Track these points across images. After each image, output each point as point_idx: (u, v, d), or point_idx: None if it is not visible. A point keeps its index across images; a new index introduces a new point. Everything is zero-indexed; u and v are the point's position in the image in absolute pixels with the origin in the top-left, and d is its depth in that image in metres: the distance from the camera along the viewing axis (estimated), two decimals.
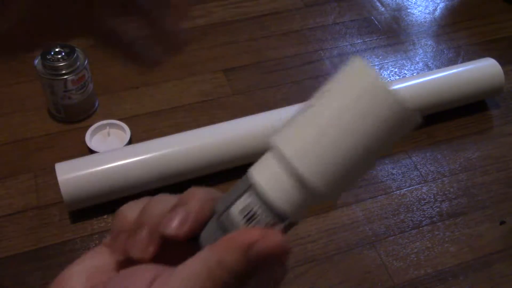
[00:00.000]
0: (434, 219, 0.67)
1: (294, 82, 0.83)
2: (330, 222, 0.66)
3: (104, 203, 0.64)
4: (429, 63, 0.88)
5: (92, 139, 0.72)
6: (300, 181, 0.24)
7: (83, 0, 0.90)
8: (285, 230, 0.25)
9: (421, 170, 0.72)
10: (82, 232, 0.64)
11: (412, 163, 0.73)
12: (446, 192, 0.70)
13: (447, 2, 1.00)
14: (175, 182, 0.66)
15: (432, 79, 0.76)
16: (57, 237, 0.62)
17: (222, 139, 0.67)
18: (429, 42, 0.92)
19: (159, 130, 0.75)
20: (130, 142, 0.72)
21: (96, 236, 0.63)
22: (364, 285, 0.61)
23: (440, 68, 0.87)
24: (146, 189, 0.65)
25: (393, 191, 0.70)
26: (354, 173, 0.24)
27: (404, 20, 0.96)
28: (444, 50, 0.90)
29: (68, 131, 0.74)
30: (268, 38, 0.90)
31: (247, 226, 0.25)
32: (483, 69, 0.78)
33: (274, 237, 0.24)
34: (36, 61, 0.70)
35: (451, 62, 0.88)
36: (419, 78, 0.76)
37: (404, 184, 0.71)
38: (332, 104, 0.24)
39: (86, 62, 0.71)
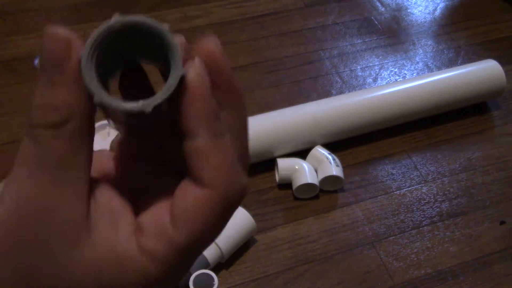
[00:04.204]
0: (434, 219, 0.67)
1: (294, 82, 0.83)
2: (330, 222, 0.66)
3: None
4: (429, 63, 0.88)
5: None
6: None
7: None
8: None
9: (421, 170, 0.72)
10: None
11: (412, 163, 0.73)
12: (446, 192, 0.70)
13: (447, 2, 1.00)
14: None
15: (434, 81, 0.76)
16: None
17: None
18: (429, 42, 0.92)
19: None
20: None
21: None
22: (364, 285, 0.61)
23: (440, 68, 0.87)
24: None
25: (393, 191, 0.70)
26: None
27: (404, 20, 0.96)
28: (444, 50, 0.90)
29: None
30: (268, 38, 0.90)
31: None
32: (485, 72, 0.78)
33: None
34: (36, 61, 0.70)
35: (451, 62, 0.88)
36: (420, 80, 0.76)
37: (404, 184, 0.71)
38: None
39: None
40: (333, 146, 0.72)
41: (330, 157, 0.68)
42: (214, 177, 0.20)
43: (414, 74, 0.86)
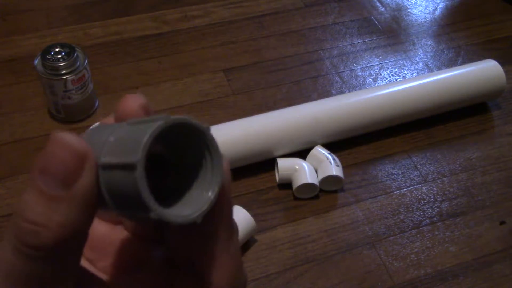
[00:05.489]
0: (434, 219, 0.67)
1: (294, 82, 0.83)
2: (330, 222, 0.66)
3: None
4: (429, 63, 0.88)
5: None
6: None
7: None
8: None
9: (421, 170, 0.72)
10: None
11: (412, 163, 0.73)
12: (446, 192, 0.70)
13: (447, 2, 1.00)
14: None
15: (434, 81, 0.76)
16: None
17: (222, 141, 0.67)
18: (429, 42, 0.92)
19: None
20: None
21: None
22: (364, 285, 0.61)
23: (440, 68, 0.87)
24: None
25: (393, 191, 0.70)
26: None
27: (404, 20, 0.96)
28: (444, 50, 0.90)
29: (68, 131, 0.74)
30: (268, 38, 0.90)
31: None
32: (485, 72, 0.78)
33: (53, 138, 0.18)
34: (36, 61, 0.70)
35: (451, 62, 0.88)
36: (420, 80, 0.76)
37: (404, 184, 0.71)
38: None
39: (86, 62, 0.71)
40: (333, 146, 0.72)
41: (330, 157, 0.68)
42: (222, 280, 0.20)
43: (414, 74, 0.86)
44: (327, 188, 0.69)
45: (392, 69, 0.86)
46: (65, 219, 0.17)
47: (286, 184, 0.69)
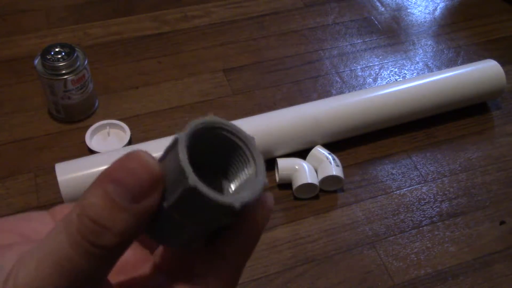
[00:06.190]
0: (434, 219, 0.67)
1: (294, 82, 0.83)
2: (330, 222, 0.66)
3: None
4: (429, 63, 0.88)
5: (92, 139, 0.72)
6: None
7: None
8: None
9: (421, 170, 0.72)
10: None
11: (412, 163, 0.73)
12: (446, 192, 0.70)
13: (447, 2, 1.00)
14: None
15: (434, 81, 0.76)
16: None
17: None
18: (429, 42, 0.92)
19: (159, 130, 0.75)
20: (130, 142, 0.72)
21: None
22: (364, 285, 0.61)
23: (440, 68, 0.87)
24: None
25: (393, 191, 0.70)
26: None
27: (404, 20, 0.96)
28: (444, 50, 0.90)
29: (68, 131, 0.74)
30: (268, 38, 0.90)
31: None
32: (485, 72, 0.78)
33: (134, 155, 0.19)
34: (36, 61, 0.70)
35: (451, 62, 0.88)
36: (420, 80, 0.76)
37: (404, 184, 0.71)
38: None
39: (86, 62, 0.71)
40: (333, 146, 0.72)
41: (330, 157, 0.68)
42: None
43: (414, 74, 0.86)
44: (327, 188, 0.69)
45: (392, 69, 0.86)
46: (126, 228, 0.19)
47: (286, 184, 0.69)
